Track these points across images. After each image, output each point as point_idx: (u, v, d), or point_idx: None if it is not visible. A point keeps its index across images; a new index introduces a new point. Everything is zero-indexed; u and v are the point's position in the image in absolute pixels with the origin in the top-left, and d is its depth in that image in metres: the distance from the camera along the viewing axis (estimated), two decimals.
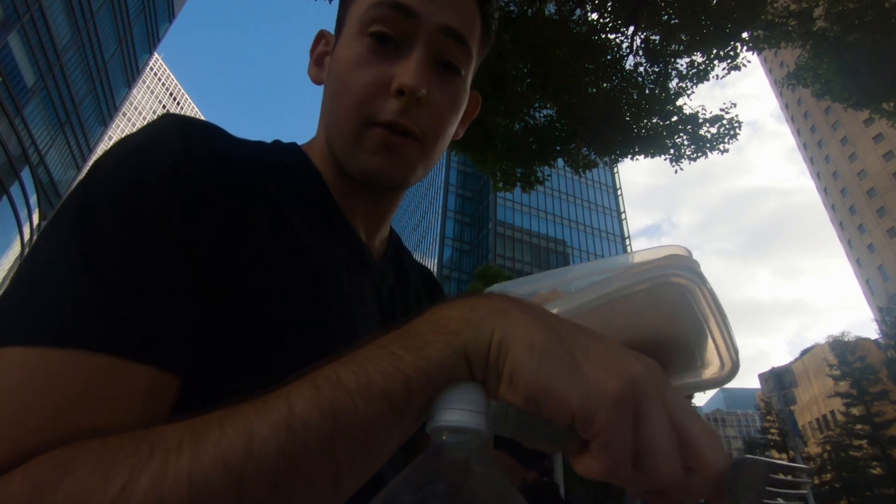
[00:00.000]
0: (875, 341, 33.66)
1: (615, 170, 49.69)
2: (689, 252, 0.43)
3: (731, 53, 7.47)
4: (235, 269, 0.41)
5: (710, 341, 0.39)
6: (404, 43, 0.52)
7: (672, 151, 7.92)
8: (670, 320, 0.40)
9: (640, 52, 7.69)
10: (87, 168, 0.42)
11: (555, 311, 0.37)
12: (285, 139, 0.63)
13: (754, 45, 7.58)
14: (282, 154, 0.57)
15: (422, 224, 53.79)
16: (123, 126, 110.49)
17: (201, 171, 0.42)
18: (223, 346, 0.40)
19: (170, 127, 0.43)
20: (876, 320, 33.83)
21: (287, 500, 0.28)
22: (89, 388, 0.31)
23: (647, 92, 7.76)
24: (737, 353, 0.39)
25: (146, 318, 0.34)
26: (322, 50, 0.62)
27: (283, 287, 0.44)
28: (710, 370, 0.41)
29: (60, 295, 0.33)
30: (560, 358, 0.29)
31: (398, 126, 0.52)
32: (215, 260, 0.40)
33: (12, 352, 0.31)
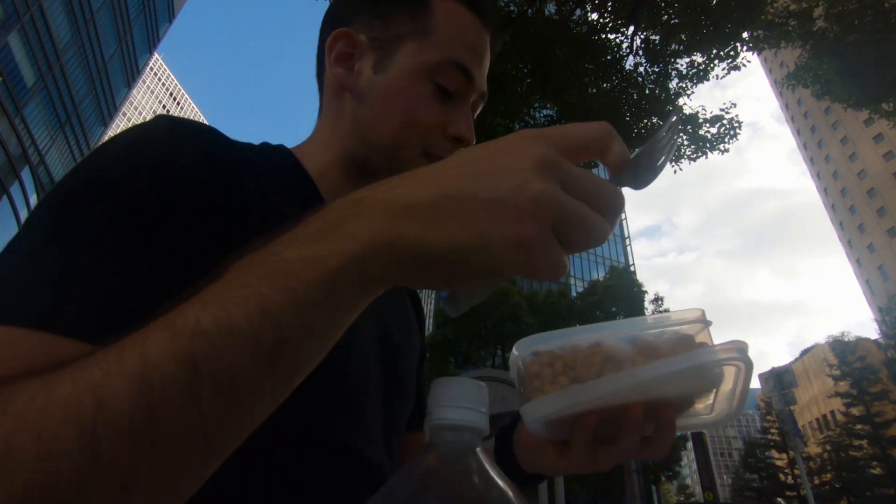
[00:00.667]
0: (875, 341, 33.66)
1: None
2: (704, 313, 0.47)
3: (731, 53, 7.48)
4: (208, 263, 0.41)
5: (730, 397, 0.45)
6: (457, 96, 0.62)
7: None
8: (710, 387, 0.44)
9: (640, 52, 7.69)
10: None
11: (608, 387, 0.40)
12: (285, 139, 0.64)
13: (754, 45, 7.58)
14: (271, 155, 0.61)
15: None
16: (123, 126, 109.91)
17: (185, 169, 0.43)
18: None
19: (159, 126, 0.45)
20: (876, 320, 33.87)
21: (151, 457, 0.26)
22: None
23: (647, 92, 7.76)
24: (745, 403, 0.45)
25: (77, 293, 0.34)
26: (345, 51, 0.63)
27: None
28: (717, 413, 0.47)
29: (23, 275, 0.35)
30: (469, 213, 0.29)
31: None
32: (192, 255, 0.40)
33: None
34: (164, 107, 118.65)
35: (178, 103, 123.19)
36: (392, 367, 0.62)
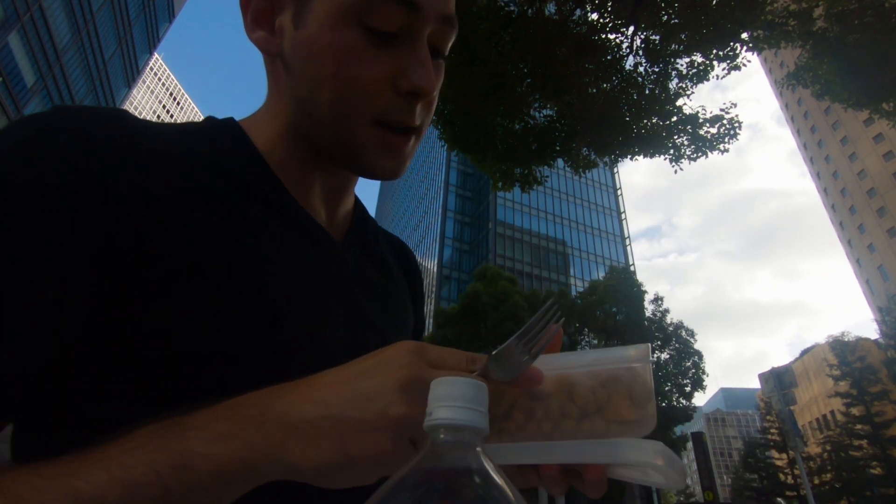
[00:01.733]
0: (875, 341, 33.64)
1: (615, 170, 49.70)
2: (649, 350, 0.44)
3: (731, 53, 7.47)
4: (132, 269, 0.39)
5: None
6: (403, 34, 0.47)
7: (672, 151, 7.92)
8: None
9: (640, 52, 7.69)
10: None
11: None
12: None
13: (754, 45, 7.58)
14: (213, 135, 0.52)
15: (422, 224, 53.80)
16: None
17: (94, 158, 0.39)
18: (111, 348, 0.39)
19: (58, 118, 0.40)
20: (876, 320, 33.84)
21: None
22: None
23: (647, 92, 7.76)
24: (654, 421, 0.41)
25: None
26: (262, 6, 0.51)
27: (183, 277, 0.41)
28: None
29: None
30: (338, 463, 0.33)
31: (404, 124, 0.49)
32: (103, 262, 0.38)
33: None
34: (164, 107, 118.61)
35: (178, 103, 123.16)
36: (365, 349, 0.56)
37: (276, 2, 0.50)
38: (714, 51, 7.44)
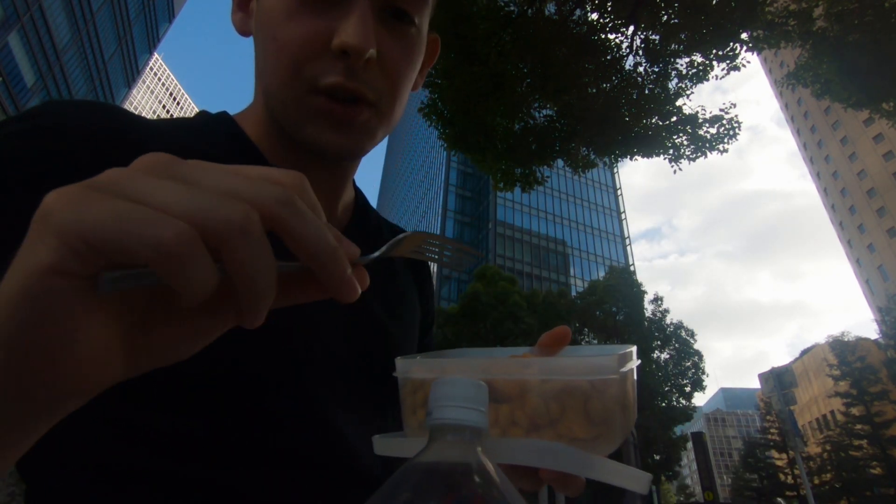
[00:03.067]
0: (875, 341, 33.66)
1: (615, 170, 49.69)
2: (635, 352, 0.42)
3: (731, 54, 7.48)
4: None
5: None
6: None
7: (671, 151, 7.92)
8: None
9: (640, 52, 7.70)
10: None
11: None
12: None
13: (754, 45, 7.58)
14: (205, 129, 0.51)
15: (422, 224, 53.81)
16: None
17: (71, 152, 0.39)
18: None
19: (44, 112, 0.40)
20: (876, 320, 33.85)
21: None
22: None
23: (646, 92, 7.76)
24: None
25: None
26: None
27: None
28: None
29: None
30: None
31: (345, 91, 0.45)
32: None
33: None
34: (163, 107, 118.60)
35: (178, 103, 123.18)
36: (366, 344, 0.54)
37: None
38: (714, 51, 7.44)
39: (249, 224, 0.22)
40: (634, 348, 0.41)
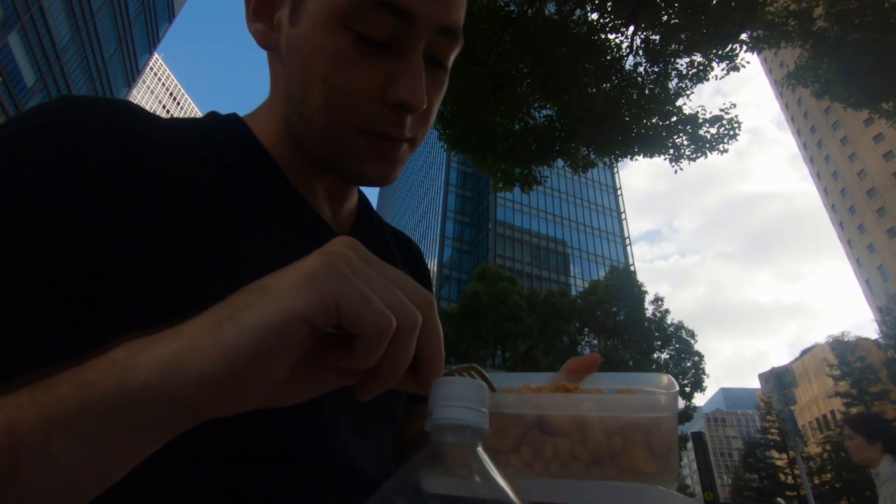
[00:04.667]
0: (875, 341, 33.65)
1: (615, 170, 49.66)
2: (671, 380, 0.43)
3: (731, 53, 7.48)
4: (123, 255, 0.39)
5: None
6: (396, 44, 0.46)
7: (672, 151, 7.92)
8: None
9: (640, 52, 7.69)
10: None
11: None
12: None
13: (754, 45, 7.58)
14: (215, 130, 0.52)
15: (422, 224, 53.80)
16: None
17: (89, 150, 0.39)
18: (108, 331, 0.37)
19: (59, 107, 0.41)
20: (876, 320, 33.86)
21: None
22: None
23: (646, 92, 7.76)
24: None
25: None
26: (263, 2, 0.51)
27: (177, 274, 0.41)
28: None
29: None
30: (249, 301, 0.28)
31: (395, 137, 0.49)
32: (99, 242, 0.38)
33: None
34: (164, 107, 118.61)
35: (178, 103, 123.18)
36: None
37: (282, 3, 0.49)
38: (714, 51, 7.45)
39: (418, 326, 0.30)
40: (677, 388, 0.42)
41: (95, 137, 0.40)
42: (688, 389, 24.78)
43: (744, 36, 7.39)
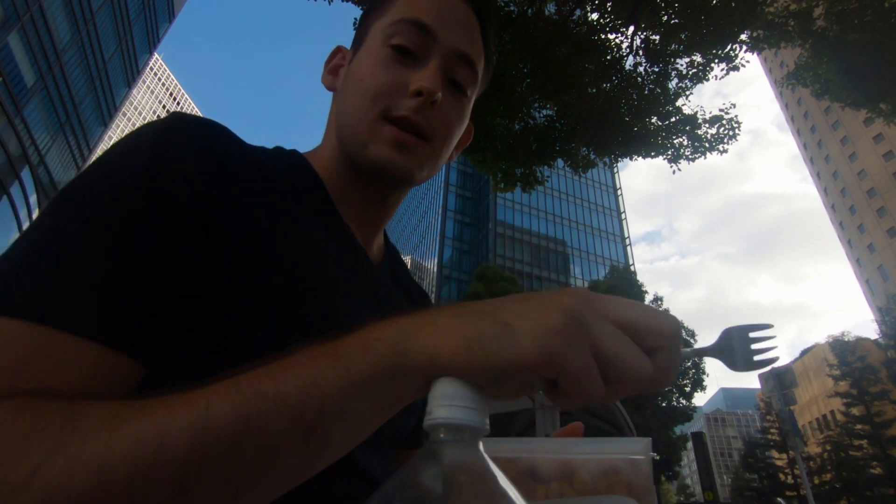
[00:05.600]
0: (875, 341, 33.65)
1: (615, 170, 49.66)
2: (650, 444, 0.46)
3: (731, 53, 7.48)
4: (219, 260, 0.42)
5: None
6: (422, 56, 0.59)
7: (671, 152, 7.92)
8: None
9: (640, 52, 7.69)
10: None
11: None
12: (284, 137, 0.64)
13: (754, 45, 7.58)
14: (282, 158, 0.60)
15: (422, 224, 53.78)
16: (123, 126, 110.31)
17: (190, 166, 0.43)
18: (198, 334, 0.41)
19: (169, 124, 0.45)
20: (876, 320, 33.84)
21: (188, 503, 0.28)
22: (31, 355, 0.32)
23: (646, 92, 7.76)
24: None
25: (98, 297, 0.35)
26: (338, 63, 0.68)
27: (268, 282, 0.45)
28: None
29: (22, 269, 0.35)
30: (497, 332, 0.30)
31: (412, 122, 0.57)
32: (196, 250, 0.41)
33: None
34: (164, 107, 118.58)
35: (178, 103, 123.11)
36: None
37: (346, 59, 0.66)
38: (714, 51, 7.44)
39: (641, 381, 0.32)
40: (650, 439, 0.46)
41: (217, 157, 0.46)
42: (688, 389, 24.79)
43: (744, 36, 7.39)
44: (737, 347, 0.38)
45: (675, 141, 7.86)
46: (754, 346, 0.39)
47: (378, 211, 0.65)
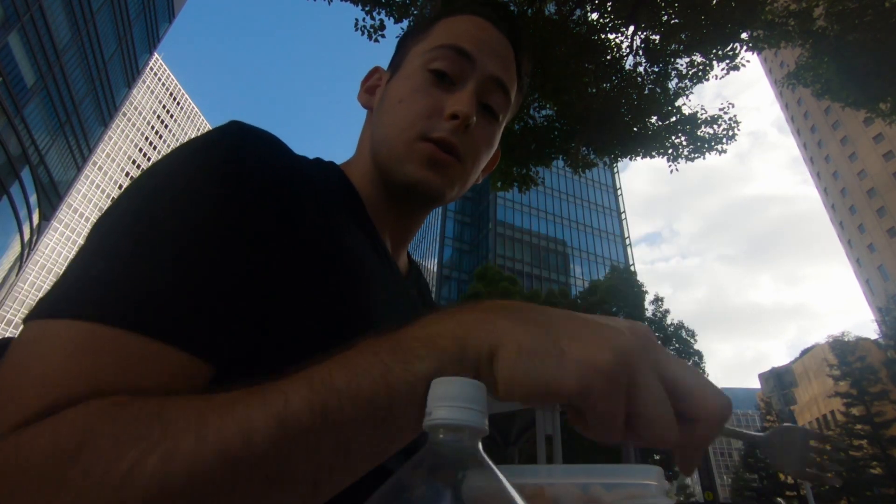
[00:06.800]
0: (875, 341, 33.64)
1: (615, 170, 49.68)
2: (662, 473, 0.48)
3: (731, 53, 7.48)
4: (281, 264, 0.43)
5: None
6: (459, 81, 0.61)
7: (670, 151, 7.92)
8: None
9: (640, 52, 7.69)
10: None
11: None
12: (283, 137, 0.65)
13: (754, 45, 7.58)
14: (322, 169, 0.62)
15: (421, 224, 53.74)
16: (123, 126, 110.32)
17: (251, 172, 0.44)
18: (265, 335, 0.42)
19: (228, 131, 0.47)
20: (876, 320, 33.85)
21: (275, 495, 0.29)
22: (122, 360, 0.33)
23: (646, 92, 7.76)
24: None
25: (186, 305, 0.36)
26: (374, 83, 0.71)
27: (327, 286, 0.47)
28: None
29: (113, 277, 0.36)
30: (548, 352, 0.31)
31: (447, 144, 0.59)
32: (262, 254, 0.42)
33: (61, 323, 0.34)
34: (163, 107, 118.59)
35: (178, 103, 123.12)
36: None
37: (383, 80, 0.68)
38: (714, 50, 7.44)
39: (670, 443, 0.32)
40: (660, 469, 0.49)
41: (263, 175, 0.46)
42: None
43: (744, 36, 7.39)
44: (791, 449, 0.37)
45: (674, 140, 7.86)
46: (812, 455, 0.37)
47: (407, 227, 0.68)
